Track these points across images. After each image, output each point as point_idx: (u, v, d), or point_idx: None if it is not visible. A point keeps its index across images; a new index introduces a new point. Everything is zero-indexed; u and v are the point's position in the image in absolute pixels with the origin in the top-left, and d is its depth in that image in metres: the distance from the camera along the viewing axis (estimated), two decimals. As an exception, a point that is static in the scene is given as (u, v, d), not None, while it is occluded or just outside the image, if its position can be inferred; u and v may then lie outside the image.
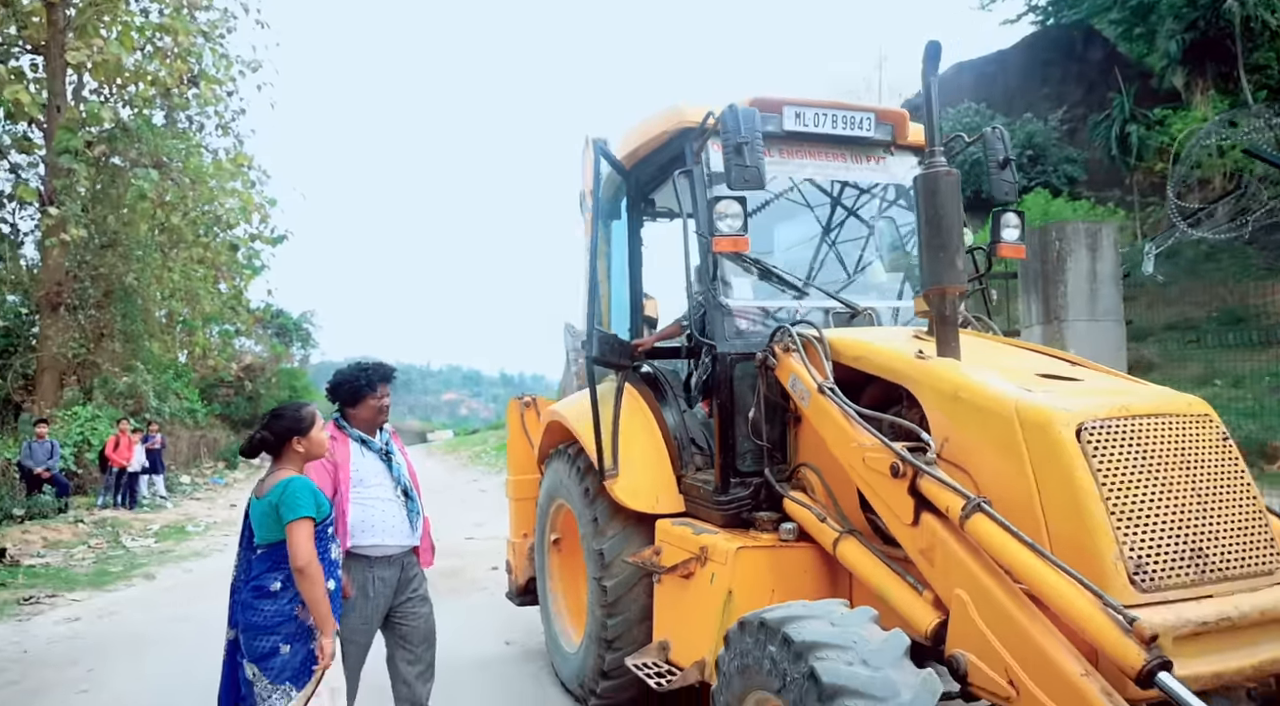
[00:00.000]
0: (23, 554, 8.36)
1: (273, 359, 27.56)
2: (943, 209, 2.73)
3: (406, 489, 3.50)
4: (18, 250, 17.37)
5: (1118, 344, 6.90)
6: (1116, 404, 2.36)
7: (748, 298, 3.60)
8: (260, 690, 2.66)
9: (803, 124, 3.66)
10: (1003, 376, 2.60)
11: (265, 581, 2.73)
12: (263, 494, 2.76)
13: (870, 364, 2.96)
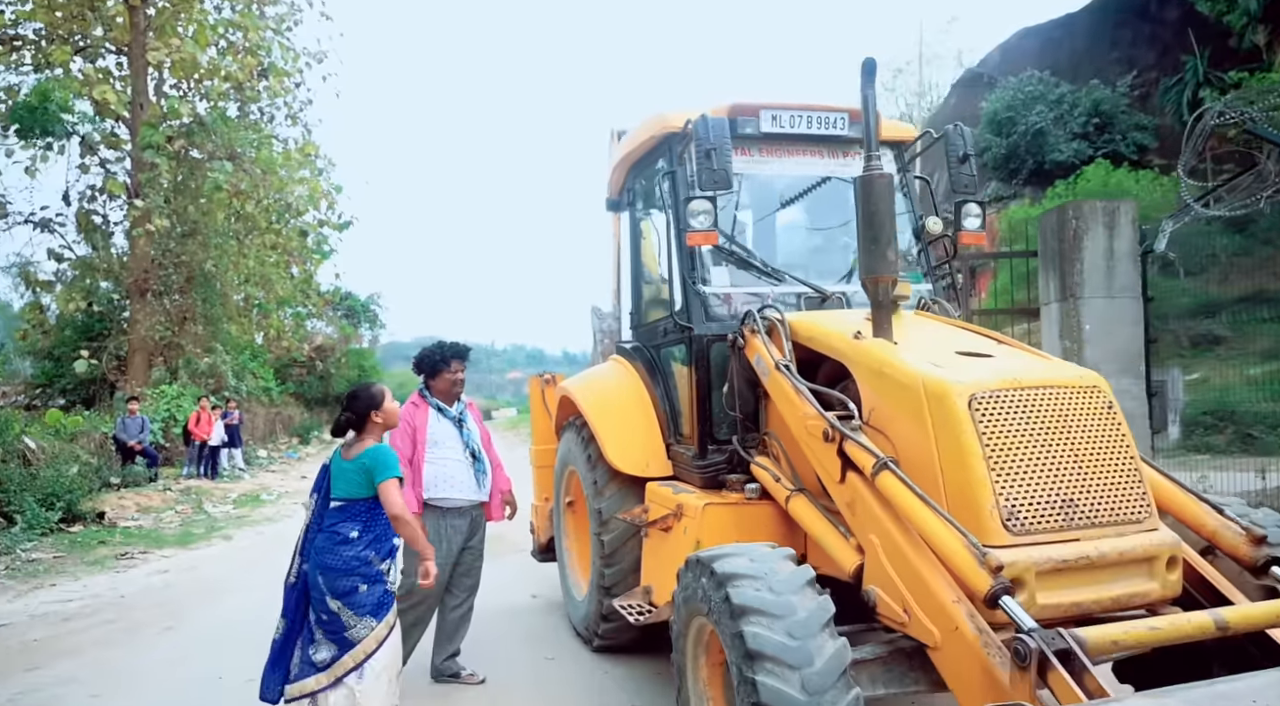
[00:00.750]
0: (119, 517, 9.42)
1: (342, 339, 28.98)
2: (877, 207, 3.07)
3: (475, 451, 4.13)
4: (109, 240, 18.78)
5: (1134, 319, 6.97)
6: (1007, 378, 2.72)
7: (725, 284, 4.03)
8: (346, 620, 3.17)
9: (779, 126, 4.02)
10: (921, 355, 2.97)
11: (342, 530, 3.22)
12: (350, 456, 3.29)
13: (819, 344, 3.36)
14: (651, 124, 4.17)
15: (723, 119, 3.58)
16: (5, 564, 7.26)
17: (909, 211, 4.36)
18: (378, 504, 3.25)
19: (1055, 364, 3.01)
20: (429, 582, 3.35)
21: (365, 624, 3.18)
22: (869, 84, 3.16)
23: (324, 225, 24.94)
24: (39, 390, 17.76)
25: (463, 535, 4.09)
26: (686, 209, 3.56)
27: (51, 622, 5.60)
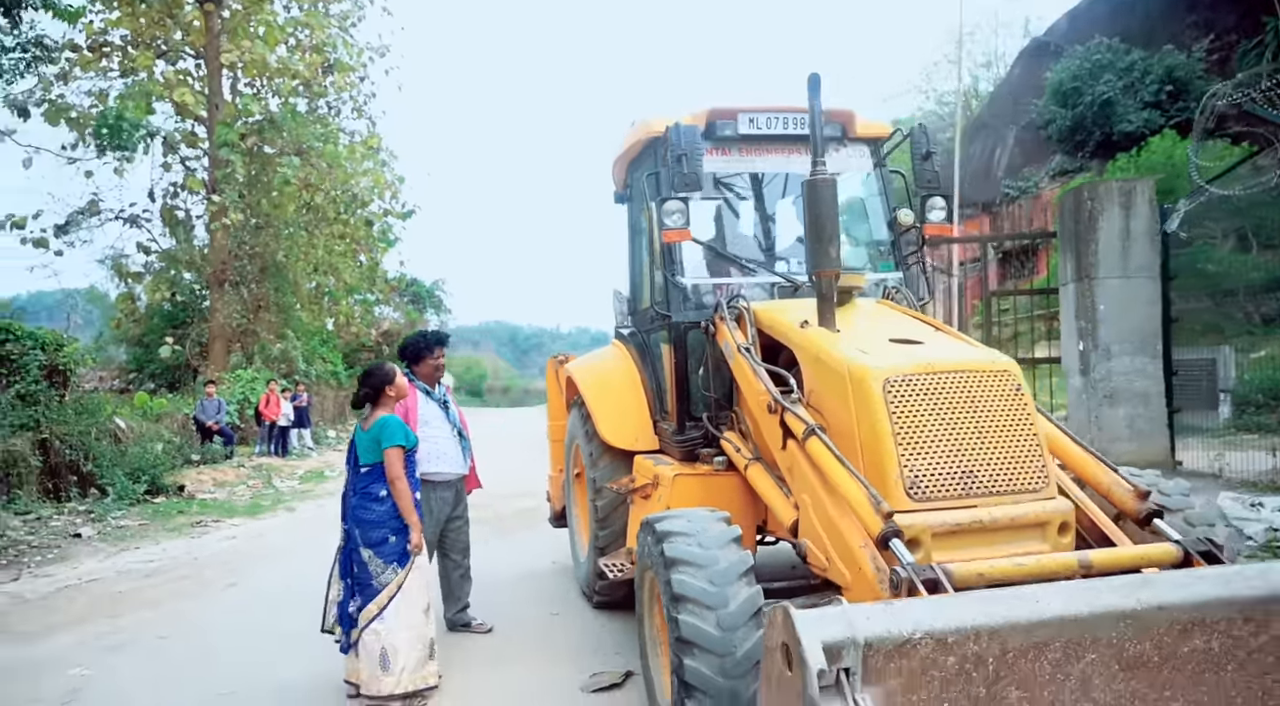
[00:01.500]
0: (197, 490, 10.40)
1: (408, 325, 30.19)
2: (821, 209, 3.33)
3: (460, 430, 4.64)
4: (191, 234, 20.13)
5: (1152, 299, 6.97)
6: (922, 363, 3.03)
7: (702, 276, 4.41)
8: (374, 568, 3.75)
9: (756, 127, 4.33)
10: (855, 342, 3.29)
11: (373, 490, 3.82)
12: (367, 428, 3.88)
13: (775, 331, 3.72)
14: (639, 128, 4.56)
15: (694, 127, 3.93)
16: (98, 529, 8.21)
17: (883, 204, 4.63)
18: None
19: (974, 350, 3.29)
20: (417, 548, 3.86)
21: (390, 571, 3.75)
22: (815, 96, 3.45)
23: (388, 215, 26.06)
24: (131, 375, 19.29)
25: (449, 505, 4.57)
26: (661, 209, 3.93)
27: (134, 579, 6.41)
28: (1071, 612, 1.92)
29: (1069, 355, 7.35)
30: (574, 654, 4.28)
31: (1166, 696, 1.97)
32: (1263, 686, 2.00)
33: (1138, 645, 1.94)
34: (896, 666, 1.79)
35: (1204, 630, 1.97)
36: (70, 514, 8.67)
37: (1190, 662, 1.97)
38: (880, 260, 4.68)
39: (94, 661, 4.49)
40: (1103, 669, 1.93)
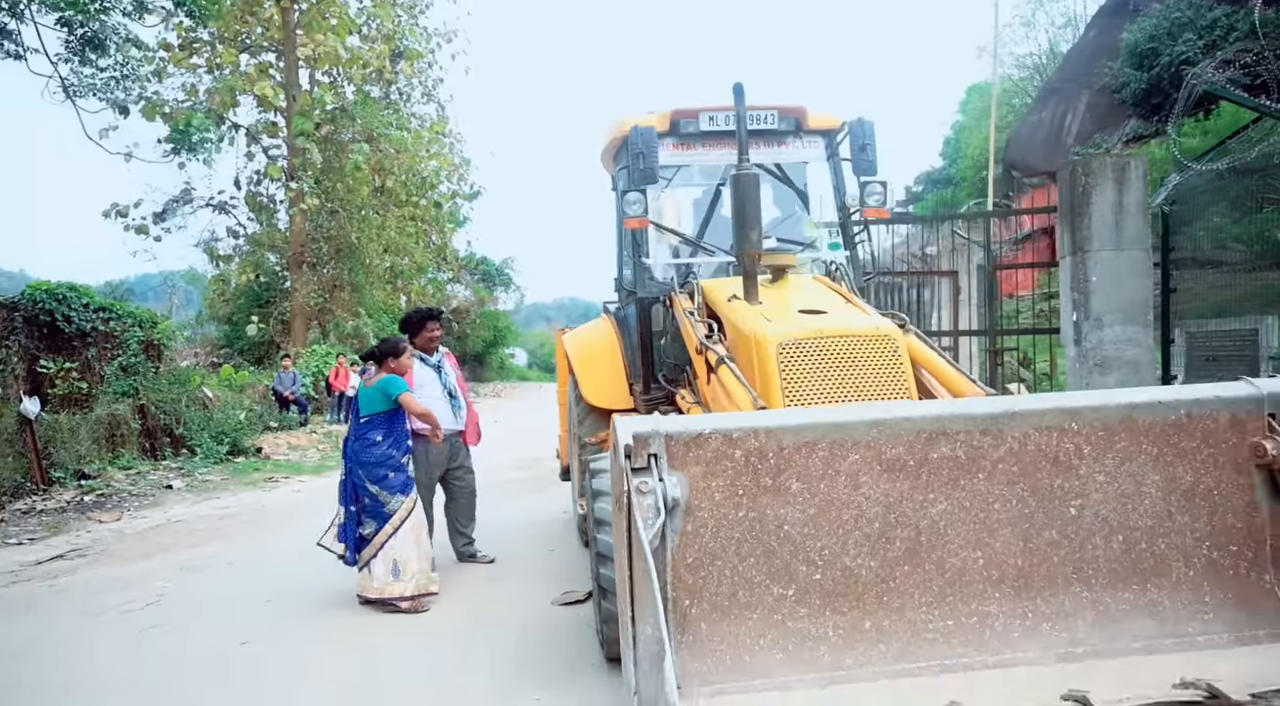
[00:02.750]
0: (273, 452, 11.73)
1: (477, 302, 31.62)
2: (745, 199, 3.89)
3: (452, 391, 5.49)
4: (274, 218, 21.80)
5: (1144, 271, 7.18)
6: (813, 329, 3.61)
7: (664, 257, 5.09)
8: (382, 499, 4.70)
9: (716, 124, 4.91)
10: (767, 313, 3.90)
11: (370, 436, 4.76)
12: (370, 383, 4.85)
13: (712, 304, 4.38)
14: (615, 126, 5.26)
15: (651, 128, 4.55)
16: (186, 482, 9.52)
17: (835, 190, 5.19)
18: (393, 416, 4.79)
19: (864, 318, 3.82)
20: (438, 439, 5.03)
21: (396, 500, 4.68)
22: (740, 102, 4.05)
23: (456, 196, 27.36)
24: (223, 350, 21.18)
25: (445, 457, 5.41)
26: (623, 199, 4.64)
27: (212, 520, 7.59)
28: (831, 420, 2.54)
29: (1066, 325, 7.66)
30: (558, 579, 5.09)
31: (931, 497, 2.50)
32: (1013, 494, 2.53)
33: (893, 449, 2.49)
34: (695, 455, 2.39)
35: (948, 440, 2.50)
36: (164, 469, 10.05)
37: (943, 468, 2.51)
38: (830, 240, 5.25)
39: (174, 578, 5.57)
40: (867, 468, 2.48)
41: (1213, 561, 2.58)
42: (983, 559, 2.52)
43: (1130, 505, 2.57)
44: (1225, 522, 2.59)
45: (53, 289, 10.62)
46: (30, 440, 8.52)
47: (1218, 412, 2.61)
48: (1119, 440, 2.58)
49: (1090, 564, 2.54)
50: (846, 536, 2.48)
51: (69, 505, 8.14)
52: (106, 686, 3.70)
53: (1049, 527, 2.54)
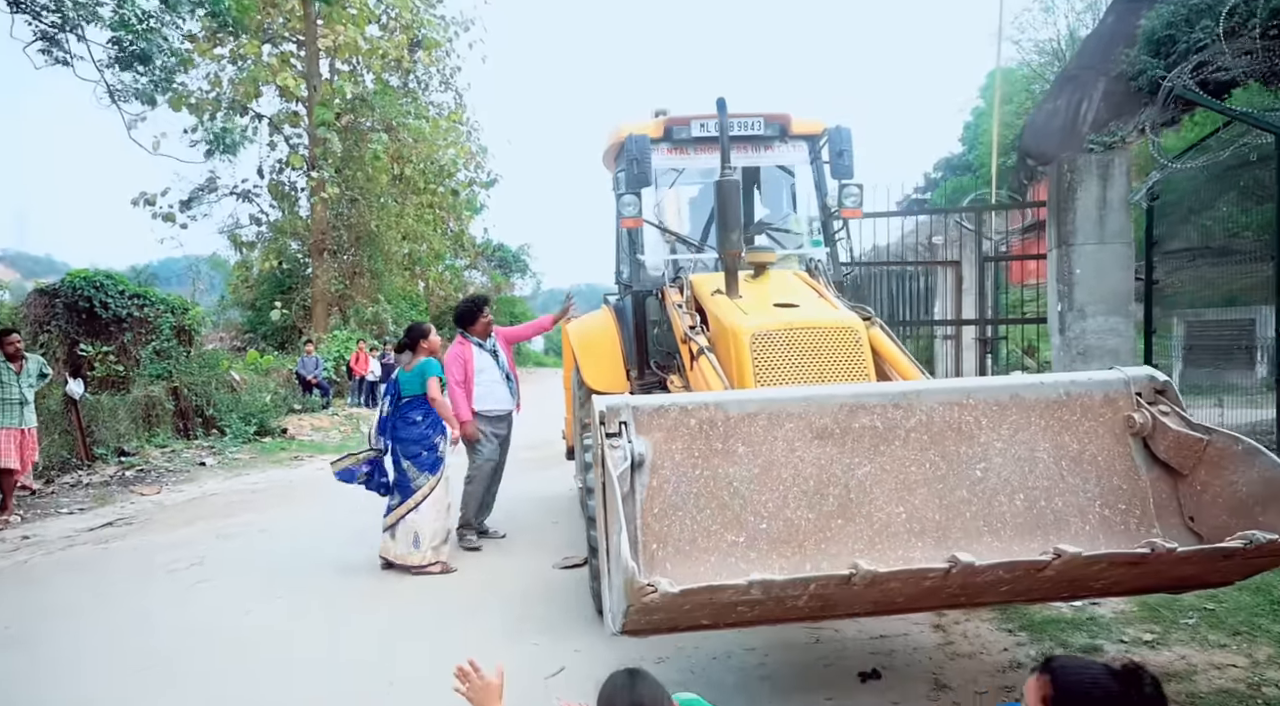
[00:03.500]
0: (297, 432, 12.37)
1: (494, 288, 32.18)
2: (727, 203, 4.26)
3: (508, 375, 6.04)
4: (295, 206, 22.45)
5: (1126, 264, 7.57)
6: (784, 322, 4.04)
7: (658, 253, 5.57)
8: (411, 475, 5.26)
9: (706, 131, 5.33)
10: (745, 305, 4.33)
11: (411, 415, 5.32)
12: (409, 368, 5.38)
13: (698, 297, 4.85)
14: (614, 132, 5.72)
15: (644, 136, 4.97)
16: (218, 460, 10.17)
17: (817, 191, 5.62)
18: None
19: (832, 312, 4.22)
20: (455, 436, 5.44)
21: (423, 477, 5.23)
22: (722, 115, 4.48)
23: (473, 184, 27.88)
24: (247, 335, 21.90)
25: (505, 434, 5.99)
26: (620, 201, 5.11)
27: (244, 494, 8.21)
28: (766, 395, 3.12)
29: (1052, 316, 8.07)
30: (560, 547, 5.63)
31: (857, 461, 3.01)
32: (926, 458, 3.03)
33: (820, 419, 3.01)
34: (657, 423, 2.95)
35: (866, 412, 3.03)
36: (196, 448, 10.70)
37: (865, 436, 3.02)
38: (813, 238, 5.70)
39: (212, 544, 6.16)
40: (800, 435, 3.01)
41: (1105, 518, 3.06)
42: (904, 513, 3.01)
43: (1027, 468, 3.06)
44: (1113, 484, 3.08)
45: (90, 276, 11.27)
46: (75, 419, 9.18)
47: (1092, 392, 3.13)
48: (1010, 413, 3.09)
49: (999, 518, 3.03)
50: (786, 492, 2.99)
51: (112, 479, 8.80)
52: (162, 630, 4.29)
53: (960, 487, 3.03)
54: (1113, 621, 3.71)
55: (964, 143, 37.84)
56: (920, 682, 3.30)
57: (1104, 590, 3.04)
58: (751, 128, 5.40)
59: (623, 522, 2.60)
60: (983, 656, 3.50)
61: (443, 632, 4.09)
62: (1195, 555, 2.59)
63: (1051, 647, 3.47)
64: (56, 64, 7.20)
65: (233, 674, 3.69)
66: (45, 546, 6.23)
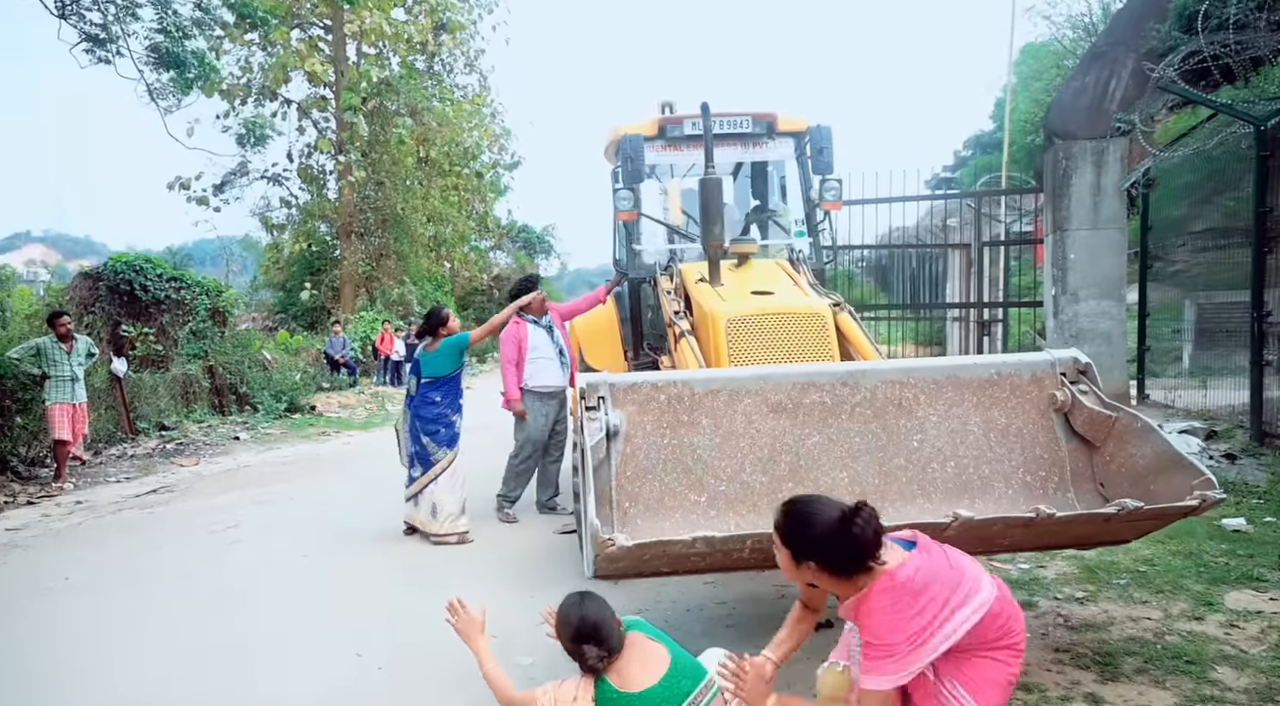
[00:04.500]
0: (325, 410, 13.02)
1: (519, 269, 32.74)
2: (710, 200, 4.72)
3: (561, 351, 6.23)
4: (324, 189, 23.08)
5: (1119, 249, 7.82)
6: (756, 308, 4.44)
7: (653, 243, 5.98)
8: (431, 450, 5.64)
9: (698, 129, 5.54)
10: (724, 293, 4.69)
11: (431, 396, 5.65)
12: (432, 351, 5.70)
13: (685, 284, 5.26)
14: (613, 132, 6.13)
15: (639, 136, 5.43)
16: (251, 435, 10.83)
17: (802, 184, 5.96)
18: (452, 381, 5.70)
19: (803, 298, 4.62)
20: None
21: (441, 451, 5.64)
22: (706, 118, 4.85)
23: (497, 166, 28.35)
24: (278, 315, 22.69)
25: (554, 410, 6.11)
26: (616, 196, 5.54)
27: (275, 466, 8.83)
28: (727, 374, 3.58)
29: (1047, 300, 8.36)
30: (561, 518, 6.11)
31: (807, 432, 3.46)
32: (869, 430, 3.48)
33: (775, 395, 3.46)
34: (631, 398, 3.43)
35: (817, 389, 3.49)
36: (230, 423, 11.38)
37: (815, 411, 3.48)
38: (797, 229, 6.07)
39: (247, 511, 6.75)
40: (756, 409, 3.46)
41: (1026, 483, 3.49)
42: (848, 478, 3.46)
43: (959, 439, 3.49)
44: (1035, 454, 3.51)
45: (131, 260, 11.96)
46: (119, 395, 9.86)
47: (1021, 372, 3.55)
48: (946, 391, 3.52)
49: (931, 483, 3.48)
50: (743, 459, 3.46)
51: (154, 451, 9.48)
52: (202, 579, 4.85)
53: (898, 456, 3.49)
54: (1053, 582, 4.11)
55: (994, 120, 37.48)
56: (867, 631, 3.72)
57: (1012, 546, 3.49)
58: (741, 126, 5.77)
59: (592, 485, 3.09)
60: (928, 610, 3.91)
61: (447, 589, 4.60)
62: (1077, 519, 2.98)
63: (991, 603, 3.88)
64: (100, 63, 7.76)
65: (263, 610, 4.24)
66: (96, 510, 6.87)
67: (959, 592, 2.13)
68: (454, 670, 3.19)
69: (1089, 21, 29.27)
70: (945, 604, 2.10)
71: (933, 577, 2.12)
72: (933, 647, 2.09)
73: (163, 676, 3.55)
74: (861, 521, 2.11)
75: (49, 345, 7.75)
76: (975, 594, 2.15)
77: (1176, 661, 3.14)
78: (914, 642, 2.07)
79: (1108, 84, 25.53)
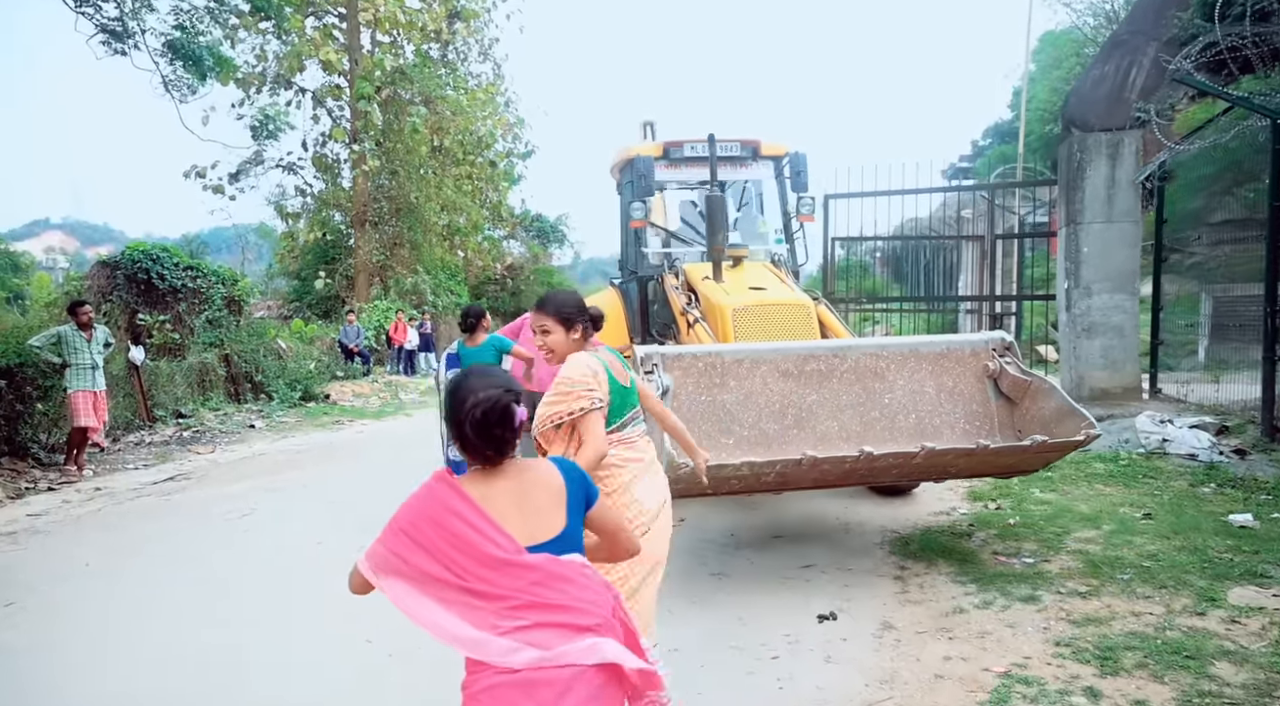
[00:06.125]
0: (339, 398, 13.16)
1: (531, 259, 32.81)
2: (714, 213, 5.68)
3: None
4: (338, 178, 23.18)
5: (1133, 242, 7.76)
6: (755, 300, 5.15)
7: (658, 247, 6.69)
8: None
9: (696, 152, 6.54)
10: (727, 288, 5.39)
11: None
12: (477, 344, 5.87)
13: (690, 281, 5.78)
14: (622, 151, 6.97)
15: (649, 156, 6.22)
16: (266, 423, 10.97)
17: (780, 200, 6.86)
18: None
19: (791, 293, 5.51)
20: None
21: None
22: (712, 146, 6.07)
23: (510, 155, 28.37)
24: (292, 304, 22.86)
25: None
26: (629, 207, 6.35)
27: (289, 454, 8.95)
28: (750, 348, 4.67)
29: (1060, 293, 8.33)
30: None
31: (807, 391, 4.58)
32: (852, 391, 4.63)
33: (784, 364, 4.58)
34: (676, 365, 4.44)
35: (815, 359, 4.63)
36: (246, 411, 11.54)
37: (814, 376, 4.60)
38: (776, 236, 6.95)
39: (261, 498, 6.87)
40: (771, 375, 4.56)
41: (966, 430, 4.68)
42: (837, 426, 4.61)
43: (918, 398, 4.69)
44: (972, 409, 4.73)
45: (148, 249, 12.10)
46: (137, 383, 10.01)
47: (964, 348, 4.83)
48: (910, 362, 4.71)
49: (898, 430, 4.62)
50: (760, 412, 4.56)
51: (171, 439, 9.64)
52: (218, 563, 4.96)
53: (874, 410, 4.65)
54: (1057, 576, 4.14)
55: (1012, 109, 37.12)
56: (870, 622, 3.79)
57: (959, 472, 4.66)
58: (730, 150, 6.61)
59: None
60: (931, 602, 3.96)
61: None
62: (1004, 449, 4.16)
63: (995, 596, 3.92)
64: (116, 55, 7.84)
65: (275, 596, 4.34)
66: (115, 497, 7.02)
67: None
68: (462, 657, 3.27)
69: (1110, 9, 28.91)
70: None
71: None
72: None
73: (177, 658, 3.65)
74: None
75: (70, 333, 7.89)
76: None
77: (1176, 656, 3.17)
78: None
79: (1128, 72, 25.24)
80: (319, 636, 3.86)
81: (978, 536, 4.89)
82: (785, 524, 5.44)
